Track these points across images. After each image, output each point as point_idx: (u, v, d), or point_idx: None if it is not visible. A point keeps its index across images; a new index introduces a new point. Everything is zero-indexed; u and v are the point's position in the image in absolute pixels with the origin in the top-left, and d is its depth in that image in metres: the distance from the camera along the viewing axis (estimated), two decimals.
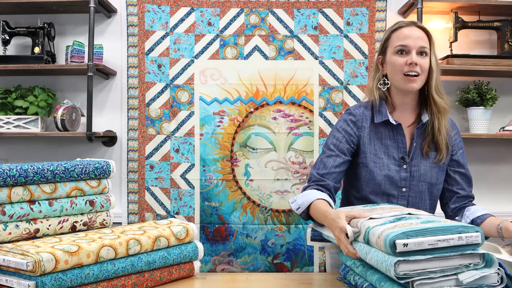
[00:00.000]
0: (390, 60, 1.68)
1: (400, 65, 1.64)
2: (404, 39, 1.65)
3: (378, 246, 1.15)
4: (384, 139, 1.70)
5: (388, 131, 1.70)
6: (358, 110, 1.74)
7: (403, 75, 1.64)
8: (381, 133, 1.71)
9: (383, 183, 1.67)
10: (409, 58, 1.63)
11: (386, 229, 1.15)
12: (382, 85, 1.71)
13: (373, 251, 1.19)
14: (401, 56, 1.65)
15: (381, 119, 1.69)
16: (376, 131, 1.71)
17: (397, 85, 1.68)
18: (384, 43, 1.73)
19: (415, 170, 1.69)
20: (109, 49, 2.69)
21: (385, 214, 1.32)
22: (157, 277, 1.41)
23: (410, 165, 1.69)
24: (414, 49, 1.64)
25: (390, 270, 1.09)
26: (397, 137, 1.69)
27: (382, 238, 1.12)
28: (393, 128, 1.69)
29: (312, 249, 2.58)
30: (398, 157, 1.69)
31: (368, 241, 1.22)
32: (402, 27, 1.68)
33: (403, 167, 1.68)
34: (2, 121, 2.56)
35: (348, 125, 1.72)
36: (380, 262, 1.13)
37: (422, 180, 1.69)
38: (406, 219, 1.23)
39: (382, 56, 1.73)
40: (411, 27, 1.67)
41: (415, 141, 1.69)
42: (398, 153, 1.69)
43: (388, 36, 1.71)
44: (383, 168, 1.68)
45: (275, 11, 2.63)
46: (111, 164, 1.60)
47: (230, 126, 2.61)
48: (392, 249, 1.09)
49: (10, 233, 1.34)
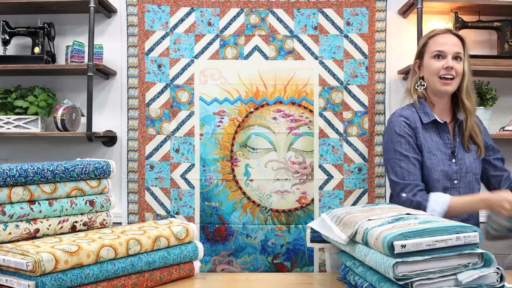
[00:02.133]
0: (427, 63, 1.87)
1: (437, 68, 1.83)
2: (441, 45, 1.84)
3: (377, 248, 1.16)
4: (434, 136, 1.86)
5: (435, 129, 1.87)
6: (407, 112, 1.88)
7: (439, 78, 1.83)
8: (430, 131, 1.86)
9: (441, 178, 1.83)
10: (445, 62, 1.82)
11: (384, 230, 1.15)
12: (419, 86, 1.90)
13: (372, 253, 1.19)
14: (438, 60, 1.84)
15: (428, 119, 1.86)
16: (426, 130, 1.86)
17: (433, 87, 1.86)
18: (421, 48, 1.91)
19: (462, 163, 1.86)
20: (109, 49, 2.69)
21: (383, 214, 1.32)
22: (157, 277, 1.41)
23: (457, 159, 1.86)
24: (450, 54, 1.82)
25: (389, 272, 1.09)
26: (443, 134, 1.87)
27: (380, 240, 1.13)
28: (439, 126, 1.87)
29: (312, 249, 2.58)
30: (448, 153, 1.85)
31: (367, 243, 1.22)
32: (439, 34, 1.87)
33: (452, 161, 1.85)
34: (2, 121, 2.56)
35: (405, 127, 1.85)
36: (379, 264, 1.13)
37: (469, 171, 1.87)
38: (404, 220, 1.23)
39: (419, 60, 1.92)
40: (447, 34, 1.86)
41: (457, 137, 1.88)
42: (446, 148, 1.86)
43: (426, 42, 1.90)
44: (438, 164, 1.83)
45: (275, 11, 2.63)
46: (111, 164, 1.60)
47: (230, 126, 2.61)
48: (390, 251, 1.09)
49: (10, 233, 1.34)
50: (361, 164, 2.60)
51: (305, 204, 2.60)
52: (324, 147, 2.60)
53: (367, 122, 2.61)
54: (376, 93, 2.62)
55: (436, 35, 1.88)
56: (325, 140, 2.61)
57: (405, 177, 1.80)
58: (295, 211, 2.60)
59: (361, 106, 2.61)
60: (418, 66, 1.93)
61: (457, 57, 1.84)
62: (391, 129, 1.88)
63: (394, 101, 2.68)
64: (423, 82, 1.90)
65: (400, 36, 2.70)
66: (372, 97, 2.61)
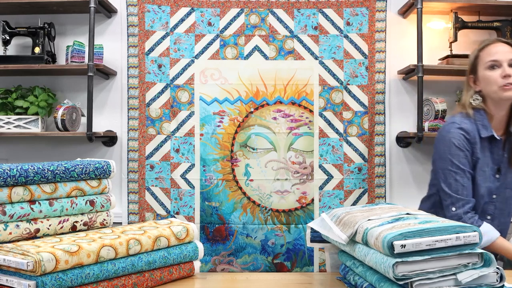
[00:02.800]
0: (483, 76, 1.80)
1: (495, 78, 1.76)
2: (494, 54, 1.78)
3: (377, 248, 1.16)
4: (486, 151, 1.81)
5: (489, 144, 1.81)
6: (467, 125, 1.80)
7: (498, 87, 1.76)
8: (484, 146, 1.81)
9: (485, 194, 1.80)
10: (502, 70, 1.76)
11: (384, 230, 1.15)
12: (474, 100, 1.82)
13: (372, 253, 1.19)
14: (494, 70, 1.77)
15: (486, 134, 1.79)
16: (481, 145, 1.80)
17: (494, 97, 1.78)
18: (473, 62, 1.84)
19: (504, 179, 1.83)
20: (109, 49, 2.69)
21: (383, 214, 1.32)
22: (157, 277, 1.41)
23: (501, 174, 1.83)
24: (505, 62, 1.76)
25: (388, 272, 1.09)
26: (494, 149, 1.81)
27: (380, 240, 1.13)
28: (493, 141, 1.81)
29: (312, 249, 2.58)
30: (494, 169, 1.82)
31: (367, 243, 1.22)
32: (489, 44, 1.81)
33: (496, 176, 1.82)
34: (3, 121, 2.56)
35: (464, 141, 1.78)
36: (379, 264, 1.14)
37: (509, 187, 1.85)
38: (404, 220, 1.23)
39: (473, 75, 1.85)
40: (497, 43, 1.81)
41: (506, 152, 1.83)
42: (494, 164, 1.81)
43: (477, 55, 1.83)
44: (485, 181, 1.80)
45: (275, 11, 2.63)
46: (111, 164, 1.60)
47: (230, 126, 2.61)
48: (390, 251, 1.09)
49: (10, 233, 1.34)
50: (361, 164, 2.61)
51: (305, 204, 2.60)
52: (324, 147, 2.61)
53: (367, 122, 2.62)
54: (376, 93, 2.62)
55: (486, 46, 1.82)
56: (325, 140, 2.61)
57: (458, 191, 1.76)
58: (295, 211, 2.60)
59: (361, 106, 2.61)
60: (474, 81, 1.85)
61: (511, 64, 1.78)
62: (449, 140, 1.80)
63: (394, 101, 2.69)
64: (478, 96, 1.82)
65: (400, 36, 2.70)
66: (372, 97, 2.62)
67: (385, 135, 2.63)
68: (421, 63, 2.48)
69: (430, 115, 2.58)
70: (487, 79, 1.79)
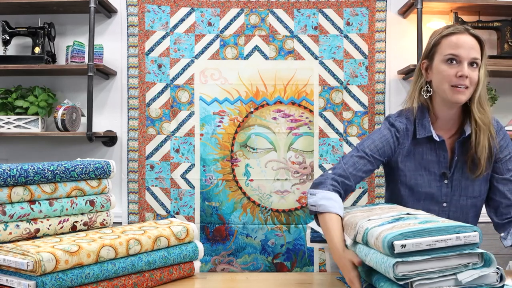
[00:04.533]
0: (438, 68, 1.55)
1: (449, 75, 1.52)
2: (456, 48, 1.51)
3: (377, 247, 1.16)
4: (425, 154, 1.61)
5: (430, 146, 1.61)
6: (401, 124, 1.62)
7: (450, 86, 1.52)
8: (422, 147, 1.61)
9: (424, 200, 1.62)
10: (459, 69, 1.50)
11: (384, 230, 1.15)
12: (424, 92, 1.60)
13: (372, 253, 1.19)
14: (451, 66, 1.52)
15: (424, 134, 1.59)
16: (416, 146, 1.61)
17: (443, 96, 1.55)
18: (431, 48, 1.59)
19: (456, 185, 1.61)
20: (109, 49, 2.69)
21: (383, 214, 1.32)
22: (157, 277, 1.41)
23: (451, 180, 1.61)
24: (466, 60, 1.51)
25: (389, 272, 1.09)
26: (439, 151, 1.60)
27: (380, 240, 1.13)
28: (435, 142, 1.59)
29: (312, 249, 2.58)
30: (439, 172, 1.60)
31: (367, 243, 1.22)
32: (454, 33, 1.54)
33: (444, 182, 1.61)
34: (3, 121, 2.56)
35: (391, 137, 1.61)
36: (379, 264, 1.14)
37: (464, 194, 1.62)
38: (404, 220, 1.23)
39: (428, 61, 1.60)
40: (464, 35, 1.53)
41: (456, 155, 1.59)
42: (439, 168, 1.60)
43: (438, 41, 1.57)
44: (424, 186, 1.61)
45: (275, 11, 2.63)
46: (111, 164, 1.60)
47: (230, 126, 2.61)
48: (390, 250, 1.09)
49: (10, 233, 1.34)
50: None
51: (305, 204, 2.60)
52: (324, 147, 2.61)
53: (367, 122, 2.62)
54: (376, 93, 2.62)
55: (451, 34, 1.54)
56: (325, 140, 2.61)
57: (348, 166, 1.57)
58: (295, 211, 2.60)
59: (361, 106, 2.61)
60: (426, 68, 1.60)
61: (473, 63, 1.51)
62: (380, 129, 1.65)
63: (394, 101, 2.68)
64: (429, 87, 1.59)
65: (400, 36, 2.70)
66: (372, 97, 2.62)
67: None
68: None
69: None
70: (440, 73, 1.54)
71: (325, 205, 1.46)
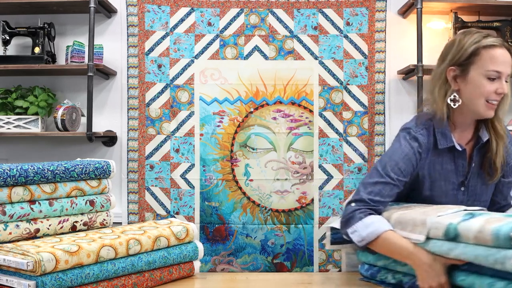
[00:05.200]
0: (476, 81, 1.47)
1: (488, 92, 1.46)
2: (499, 64, 1.45)
3: (480, 241, 1.15)
4: (444, 163, 1.55)
5: (449, 155, 1.55)
6: (423, 137, 1.53)
7: (485, 101, 1.47)
8: (442, 158, 1.55)
9: None
10: (500, 86, 1.46)
11: (486, 223, 1.15)
12: (452, 101, 1.51)
13: (462, 247, 1.19)
14: (492, 82, 1.46)
15: (446, 144, 1.53)
16: (436, 157, 1.55)
17: (474, 109, 1.49)
18: (469, 57, 1.48)
19: (471, 191, 1.58)
20: (109, 49, 2.69)
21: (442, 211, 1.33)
22: (157, 277, 1.41)
23: (467, 187, 1.57)
24: (504, 77, 1.46)
25: (505, 263, 1.09)
26: (458, 160, 1.55)
27: (489, 232, 1.12)
28: (455, 152, 1.54)
29: (312, 249, 2.58)
30: (458, 181, 1.56)
31: (456, 237, 1.21)
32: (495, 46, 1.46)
33: (460, 189, 1.57)
34: (2, 121, 2.56)
35: (413, 155, 1.52)
36: (484, 257, 1.13)
37: (477, 199, 1.59)
38: (483, 215, 1.24)
39: (459, 70, 1.50)
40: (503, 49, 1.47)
41: (473, 162, 1.56)
42: (457, 177, 1.56)
43: (478, 51, 1.47)
44: (440, 196, 1.55)
45: (275, 11, 2.63)
46: (111, 164, 1.60)
47: (230, 126, 2.61)
48: (508, 242, 1.09)
49: (10, 233, 1.34)
50: (360, 164, 2.61)
51: (305, 204, 2.60)
52: (324, 147, 2.61)
53: (366, 122, 2.62)
54: (376, 93, 2.62)
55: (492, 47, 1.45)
56: (325, 140, 2.61)
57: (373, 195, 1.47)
58: (295, 211, 2.60)
59: (360, 106, 2.61)
60: (455, 77, 1.50)
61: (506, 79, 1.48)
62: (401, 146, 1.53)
63: (394, 101, 2.69)
64: (457, 97, 1.50)
65: (400, 36, 2.70)
66: (372, 97, 2.62)
67: (385, 135, 2.63)
68: (421, 63, 2.48)
69: None
70: (478, 88, 1.46)
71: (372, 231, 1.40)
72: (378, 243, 1.39)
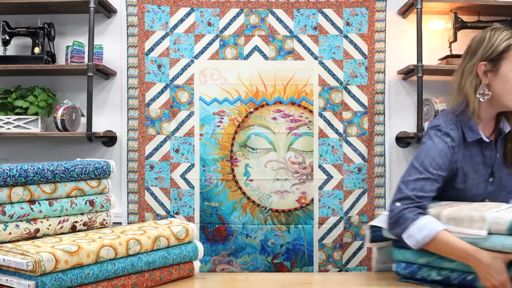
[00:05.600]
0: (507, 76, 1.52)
1: None
2: None
3: None
4: (474, 156, 1.59)
5: (478, 147, 1.59)
6: (454, 132, 1.57)
7: None
8: (470, 151, 1.59)
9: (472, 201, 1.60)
10: None
11: None
12: (481, 95, 1.55)
13: None
14: None
15: (474, 137, 1.57)
16: (465, 150, 1.58)
17: (502, 103, 1.55)
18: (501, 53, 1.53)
19: (498, 182, 1.62)
20: (109, 49, 2.69)
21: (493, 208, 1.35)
22: (157, 277, 1.41)
23: (494, 177, 1.61)
24: None
25: None
26: (485, 152, 1.59)
27: None
28: (482, 143, 1.59)
29: (311, 249, 2.58)
30: (487, 172, 1.60)
31: None
32: None
33: (489, 180, 1.61)
34: (2, 121, 2.56)
35: (448, 149, 1.55)
36: None
37: (503, 189, 1.63)
38: None
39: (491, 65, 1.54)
40: None
41: (498, 152, 1.61)
42: (486, 168, 1.60)
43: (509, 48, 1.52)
44: (471, 189, 1.59)
45: (275, 11, 2.63)
46: (111, 164, 1.60)
47: (230, 126, 2.61)
48: None
49: (10, 233, 1.34)
50: (360, 164, 2.61)
51: (305, 204, 2.60)
52: (324, 147, 2.61)
53: (366, 122, 2.62)
54: (376, 93, 2.62)
55: None
56: (324, 140, 2.61)
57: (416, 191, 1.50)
58: (295, 211, 2.60)
59: (360, 106, 2.61)
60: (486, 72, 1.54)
61: None
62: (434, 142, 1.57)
63: (394, 101, 2.69)
64: (487, 91, 1.54)
65: (400, 36, 2.70)
66: (372, 97, 2.62)
67: (384, 135, 2.64)
68: (421, 63, 2.48)
69: (429, 115, 2.58)
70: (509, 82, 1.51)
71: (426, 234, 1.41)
72: (433, 244, 1.41)
